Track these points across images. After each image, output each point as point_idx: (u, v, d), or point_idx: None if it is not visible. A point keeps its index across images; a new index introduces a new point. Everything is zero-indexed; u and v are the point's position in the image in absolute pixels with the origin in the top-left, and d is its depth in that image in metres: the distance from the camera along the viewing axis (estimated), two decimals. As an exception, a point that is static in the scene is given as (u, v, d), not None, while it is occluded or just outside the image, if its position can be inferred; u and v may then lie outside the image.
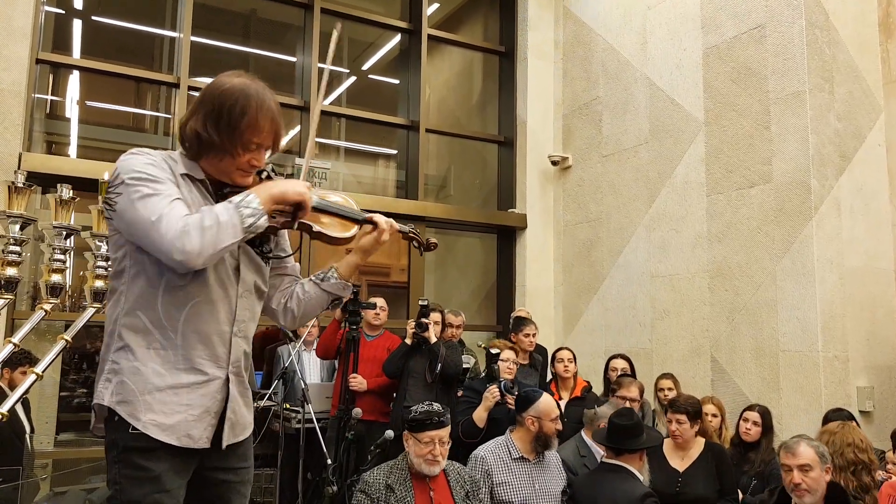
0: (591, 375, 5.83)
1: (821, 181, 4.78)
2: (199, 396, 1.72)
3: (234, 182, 1.80)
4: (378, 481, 2.99)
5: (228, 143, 1.73)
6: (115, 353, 1.71)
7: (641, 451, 3.34)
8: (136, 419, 1.66)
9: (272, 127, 1.76)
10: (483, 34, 7.59)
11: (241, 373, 1.82)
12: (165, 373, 1.69)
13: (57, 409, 5.37)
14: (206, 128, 1.72)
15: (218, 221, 1.62)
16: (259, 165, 1.81)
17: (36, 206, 4.56)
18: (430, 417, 3.04)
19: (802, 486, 2.79)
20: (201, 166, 1.79)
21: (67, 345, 2.81)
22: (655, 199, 5.86)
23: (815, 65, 4.88)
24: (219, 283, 1.76)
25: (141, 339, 1.69)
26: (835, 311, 4.71)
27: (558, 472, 3.60)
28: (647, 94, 6.01)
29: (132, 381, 1.67)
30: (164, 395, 1.68)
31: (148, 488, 1.66)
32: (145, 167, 1.68)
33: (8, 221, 2.74)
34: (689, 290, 5.50)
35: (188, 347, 1.71)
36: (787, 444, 2.93)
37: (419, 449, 3.01)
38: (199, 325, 1.73)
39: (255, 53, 6.96)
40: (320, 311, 2.02)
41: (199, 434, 1.72)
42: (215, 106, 1.72)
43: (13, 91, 4.91)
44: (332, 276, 1.97)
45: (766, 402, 4.57)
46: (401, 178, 6.99)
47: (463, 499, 3.11)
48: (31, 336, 2.96)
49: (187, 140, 1.77)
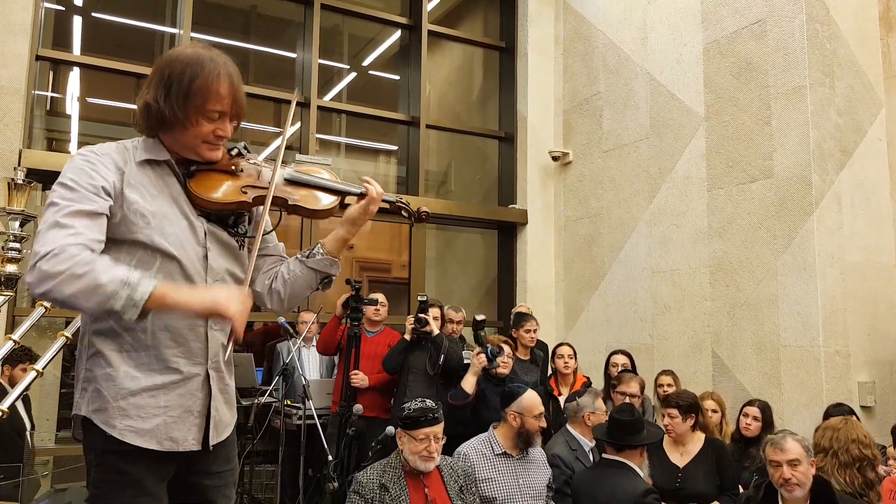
0: (592, 371, 5.83)
1: (822, 176, 4.78)
2: (178, 396, 1.63)
3: (202, 157, 1.69)
4: (372, 481, 2.98)
5: (181, 112, 1.61)
6: (89, 360, 1.63)
7: (642, 447, 3.33)
8: (112, 427, 1.58)
9: (230, 91, 1.63)
10: (483, 30, 7.57)
11: (220, 368, 1.72)
12: (140, 375, 1.60)
13: (58, 406, 5.37)
14: (157, 98, 1.61)
15: (93, 278, 1.44)
16: (225, 135, 1.69)
17: (36, 202, 4.57)
18: (425, 414, 3.03)
19: (793, 480, 2.80)
20: (165, 145, 1.69)
21: (68, 341, 2.81)
22: (656, 195, 5.85)
23: (815, 59, 4.87)
24: (186, 276, 1.65)
25: (111, 343, 1.61)
26: (836, 306, 4.70)
27: (543, 467, 3.59)
28: (647, 89, 6.00)
29: (105, 388, 1.59)
30: (139, 399, 1.59)
31: (130, 492, 1.59)
32: (73, 172, 1.58)
33: (8, 218, 2.74)
34: (689, 286, 5.49)
35: (159, 346, 1.62)
36: (772, 439, 2.93)
37: (414, 446, 2.99)
38: (169, 322, 1.62)
39: (255, 49, 6.95)
40: (309, 292, 1.86)
41: (183, 436, 1.64)
42: (164, 75, 1.62)
43: (13, 88, 4.91)
44: (318, 251, 1.82)
45: (767, 398, 4.57)
46: (401, 174, 6.99)
47: (457, 494, 3.10)
48: (31, 333, 2.97)
49: (140, 116, 1.66)
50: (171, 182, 1.68)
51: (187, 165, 1.70)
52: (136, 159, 1.65)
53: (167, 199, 1.66)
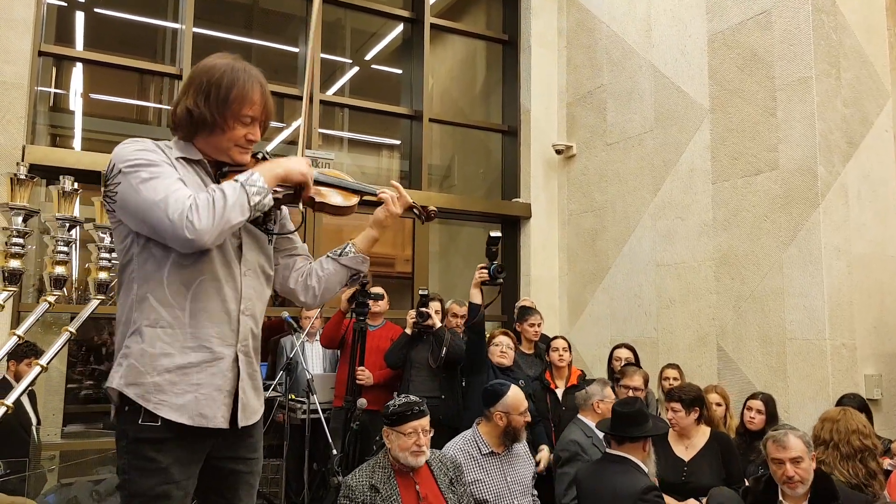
0: (596, 364, 5.83)
1: (828, 168, 4.75)
2: (209, 375, 1.72)
3: (233, 160, 1.82)
4: (362, 484, 2.93)
5: (220, 116, 1.74)
6: (128, 338, 1.72)
7: (644, 440, 3.29)
8: (147, 401, 1.66)
9: (262, 99, 1.79)
10: (486, 23, 7.54)
11: (249, 353, 1.82)
12: (174, 352, 1.69)
13: (63, 401, 5.39)
14: (197, 104, 1.74)
15: (225, 199, 1.63)
16: (256, 139, 1.82)
17: (40, 198, 4.57)
18: (410, 408, 2.99)
19: (795, 478, 2.79)
20: (197, 147, 1.81)
21: (72, 336, 2.81)
22: (661, 188, 5.82)
23: (821, 50, 4.83)
24: (223, 262, 1.76)
25: (149, 320, 1.70)
26: (842, 298, 4.68)
27: (527, 461, 3.58)
28: (651, 81, 5.97)
29: (140, 363, 1.68)
30: (173, 376, 1.68)
31: (156, 479, 1.66)
32: (139, 153, 1.69)
33: (11, 213, 2.74)
34: (694, 279, 5.47)
35: (196, 325, 1.72)
36: (774, 437, 2.89)
37: (403, 442, 2.94)
38: (207, 303, 1.73)
39: (258, 44, 6.93)
40: (340, 288, 2.03)
41: (213, 413, 1.72)
42: (204, 82, 1.75)
43: (16, 83, 4.91)
44: (350, 250, 2.00)
45: (772, 391, 4.55)
46: (404, 168, 6.97)
47: (448, 487, 3.06)
48: (36, 328, 2.97)
49: (179, 121, 1.79)
50: (206, 180, 1.80)
51: (219, 166, 1.83)
52: (172, 156, 1.76)
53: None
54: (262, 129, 1.84)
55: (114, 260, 2.97)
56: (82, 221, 2.94)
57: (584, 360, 6.23)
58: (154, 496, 1.66)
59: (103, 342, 6.28)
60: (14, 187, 2.73)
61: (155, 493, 1.66)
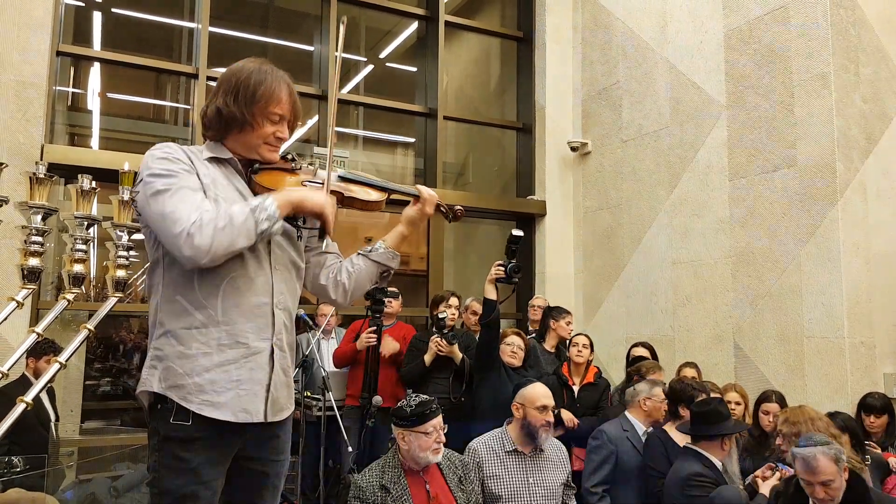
0: (612, 363, 5.80)
1: (846, 164, 4.69)
2: (249, 370, 1.73)
3: (263, 157, 1.86)
4: (372, 484, 2.92)
5: (248, 114, 1.79)
6: (158, 339, 1.73)
7: (721, 438, 3.37)
8: (189, 402, 1.67)
9: (289, 98, 1.84)
10: (500, 20, 7.52)
11: (283, 347, 1.82)
12: (212, 351, 1.70)
13: (82, 398, 5.45)
14: (226, 103, 1.79)
15: (232, 223, 1.65)
16: (285, 138, 1.87)
17: (59, 197, 4.62)
18: (428, 406, 2.98)
19: (826, 498, 2.71)
20: (227, 147, 1.85)
21: (90, 334, 2.83)
22: (677, 185, 5.78)
23: (839, 45, 4.77)
24: (254, 258, 1.77)
25: (181, 322, 1.71)
26: (861, 296, 4.62)
27: (560, 466, 3.49)
28: (667, 77, 5.92)
29: (179, 365, 1.69)
30: (213, 375, 1.69)
31: (185, 479, 1.68)
32: (158, 163, 1.72)
33: (30, 212, 2.76)
34: (711, 277, 5.43)
35: (230, 322, 1.72)
36: (804, 457, 2.74)
37: (424, 441, 2.93)
38: (239, 299, 1.74)
39: (273, 43, 6.96)
40: (370, 285, 2.05)
41: (256, 407, 1.73)
42: (233, 83, 1.80)
43: (34, 83, 4.96)
44: (380, 247, 2.02)
45: (790, 390, 4.51)
46: (419, 166, 6.97)
47: (457, 486, 3.06)
48: (55, 326, 3.00)
49: (210, 121, 1.83)
50: (236, 179, 1.84)
51: (249, 165, 1.87)
52: (201, 158, 1.81)
53: (234, 191, 1.82)
54: (291, 129, 1.88)
55: (132, 258, 3.00)
56: (100, 220, 2.96)
57: (599, 358, 6.18)
58: (182, 496, 1.68)
59: (121, 340, 6.35)
60: (33, 186, 2.76)
61: (183, 493, 1.67)
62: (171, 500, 1.68)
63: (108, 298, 2.99)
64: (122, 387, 6.00)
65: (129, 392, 5.86)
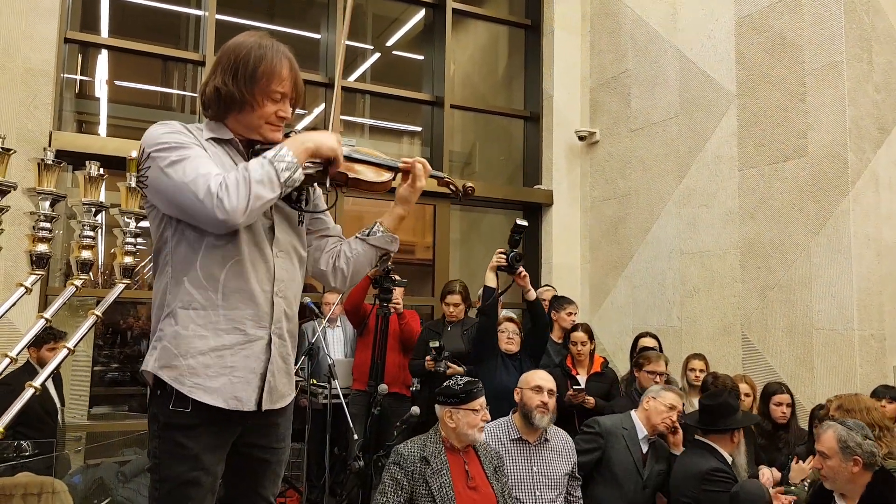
0: (619, 354, 5.79)
1: (858, 154, 4.64)
2: (243, 358, 1.71)
3: (265, 138, 1.79)
4: (413, 454, 2.98)
5: (248, 93, 1.72)
6: (162, 321, 1.72)
7: (730, 431, 3.35)
8: (181, 384, 1.65)
9: (291, 75, 1.76)
10: (508, 7, 7.47)
11: (283, 335, 1.80)
12: (208, 335, 1.68)
13: (90, 384, 5.48)
14: (225, 82, 1.72)
15: (254, 177, 1.61)
16: (287, 117, 1.80)
17: (67, 183, 4.63)
18: (475, 385, 3.06)
19: (822, 470, 2.80)
20: (229, 127, 1.79)
21: (98, 320, 2.84)
22: (686, 175, 5.74)
23: (853, 33, 4.71)
24: (255, 244, 1.74)
25: (181, 302, 1.69)
26: (871, 288, 4.59)
27: (566, 456, 3.45)
28: (677, 66, 5.87)
29: (174, 345, 1.67)
30: (207, 359, 1.67)
31: (186, 466, 1.67)
32: (167, 136, 1.68)
33: (38, 198, 2.76)
34: (719, 268, 5.40)
35: (230, 307, 1.70)
36: (824, 423, 2.89)
37: (472, 419, 2.99)
38: (240, 284, 1.71)
39: (280, 31, 6.93)
40: (369, 269, 2.01)
41: (248, 396, 1.71)
42: (231, 60, 1.73)
43: (43, 70, 4.96)
44: (378, 230, 1.97)
45: (799, 382, 4.49)
46: (425, 155, 6.92)
47: (493, 474, 3.10)
48: (64, 312, 3.00)
49: (208, 101, 1.77)
50: (238, 159, 1.77)
51: (251, 145, 1.80)
52: (203, 137, 1.75)
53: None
54: (293, 106, 1.81)
55: (139, 244, 3.00)
56: (108, 206, 2.96)
57: (605, 348, 6.18)
58: (184, 482, 1.67)
59: (129, 326, 6.38)
60: (41, 172, 2.75)
61: (184, 480, 1.67)
62: (172, 487, 1.67)
63: (116, 285, 2.99)
64: (129, 373, 6.03)
65: (137, 378, 5.89)
